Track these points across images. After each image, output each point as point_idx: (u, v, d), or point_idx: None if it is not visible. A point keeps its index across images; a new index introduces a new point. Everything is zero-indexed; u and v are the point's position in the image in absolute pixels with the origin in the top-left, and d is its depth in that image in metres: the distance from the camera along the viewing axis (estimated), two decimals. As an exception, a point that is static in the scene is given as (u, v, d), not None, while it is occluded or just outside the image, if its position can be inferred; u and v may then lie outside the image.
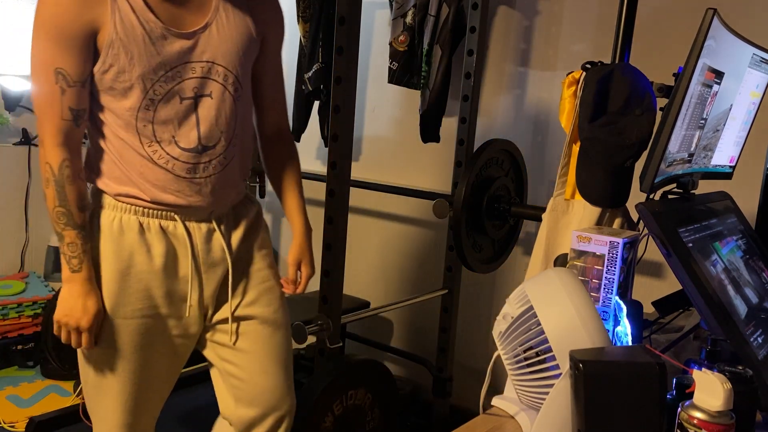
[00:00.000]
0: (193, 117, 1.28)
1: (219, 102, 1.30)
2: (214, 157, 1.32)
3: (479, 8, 2.34)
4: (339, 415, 2.03)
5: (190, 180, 1.30)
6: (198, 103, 1.28)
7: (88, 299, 1.28)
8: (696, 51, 1.13)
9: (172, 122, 1.27)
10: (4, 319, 2.92)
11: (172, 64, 1.24)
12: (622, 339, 1.18)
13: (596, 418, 0.89)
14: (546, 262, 1.61)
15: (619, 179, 1.56)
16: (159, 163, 1.28)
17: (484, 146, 2.25)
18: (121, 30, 1.19)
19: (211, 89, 1.29)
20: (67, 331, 1.31)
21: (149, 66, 1.22)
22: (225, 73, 1.30)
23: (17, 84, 3.22)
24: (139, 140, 1.26)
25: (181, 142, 1.28)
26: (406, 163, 3.00)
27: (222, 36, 1.29)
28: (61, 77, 1.20)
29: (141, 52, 1.21)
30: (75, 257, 1.27)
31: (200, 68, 1.27)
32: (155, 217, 1.31)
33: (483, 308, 2.80)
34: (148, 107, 1.24)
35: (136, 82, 1.22)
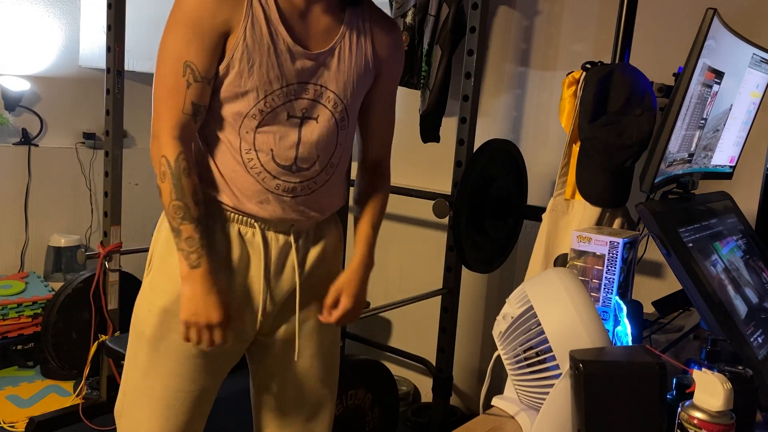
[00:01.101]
0: (295, 136, 1.27)
1: (323, 127, 1.29)
2: (305, 179, 1.30)
3: (479, 8, 2.34)
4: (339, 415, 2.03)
5: (276, 195, 1.29)
6: (303, 123, 1.28)
7: (212, 294, 1.24)
8: (696, 51, 1.13)
9: (274, 136, 1.26)
10: (4, 319, 2.92)
11: (289, 81, 1.24)
12: (622, 339, 1.18)
13: (596, 418, 0.89)
14: (546, 262, 1.61)
15: (619, 179, 1.57)
16: (251, 172, 1.27)
17: (484, 146, 2.25)
18: (250, 36, 1.20)
19: (319, 113, 1.28)
20: (197, 330, 1.25)
21: (267, 77, 1.22)
22: (336, 101, 1.29)
23: (17, 84, 3.22)
24: (239, 145, 1.26)
25: (278, 157, 1.27)
26: (406, 163, 2.99)
27: (342, 64, 1.28)
28: (190, 71, 1.20)
29: (263, 61, 1.21)
30: (194, 252, 1.22)
31: (314, 91, 1.27)
32: (235, 222, 1.30)
33: (483, 308, 2.80)
34: (255, 116, 1.24)
35: (250, 89, 1.22)
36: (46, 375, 2.97)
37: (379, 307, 2.51)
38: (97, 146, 3.44)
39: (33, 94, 3.32)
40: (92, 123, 3.46)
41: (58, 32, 3.36)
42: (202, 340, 1.26)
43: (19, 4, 3.23)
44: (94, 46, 3.30)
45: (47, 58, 3.35)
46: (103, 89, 2.50)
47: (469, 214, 2.18)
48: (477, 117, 2.43)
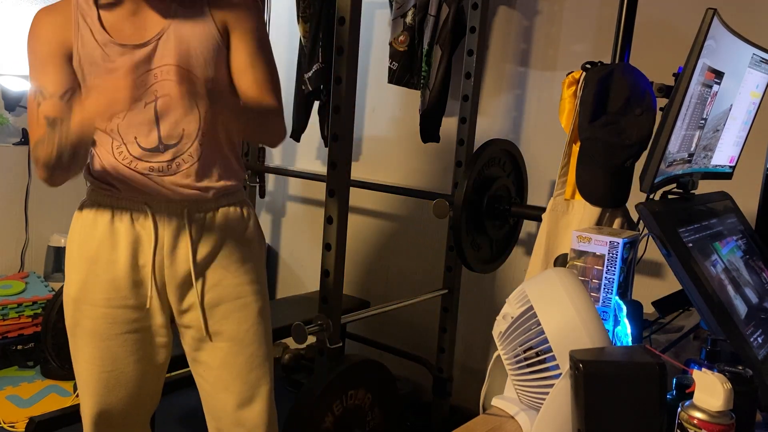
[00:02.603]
0: (152, 116, 1.34)
1: (176, 102, 1.35)
2: (178, 154, 1.36)
3: (479, 8, 2.34)
4: (339, 415, 2.03)
5: (151, 177, 1.36)
6: (157, 103, 1.34)
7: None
8: (696, 51, 1.13)
9: (134, 124, 1.35)
10: (4, 319, 2.92)
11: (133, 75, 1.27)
12: (622, 339, 1.18)
13: (596, 418, 0.89)
14: (546, 262, 1.61)
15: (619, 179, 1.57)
16: (123, 162, 1.36)
17: (484, 146, 2.25)
18: (83, 52, 1.32)
19: (169, 90, 1.34)
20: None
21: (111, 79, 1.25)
22: (184, 74, 1.32)
23: (17, 84, 3.22)
24: (111, 143, 1.37)
25: (142, 142, 1.35)
26: (406, 163, 3.00)
27: (179, 38, 1.34)
28: (39, 93, 1.33)
29: (100, 70, 1.32)
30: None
31: (160, 72, 1.34)
32: (127, 208, 1.38)
33: (483, 308, 2.80)
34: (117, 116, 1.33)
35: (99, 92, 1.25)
36: (46, 375, 2.97)
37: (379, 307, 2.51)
38: (97, 146, 3.44)
39: (33, 94, 3.32)
40: (92, 123, 3.46)
41: (58, 32, 3.36)
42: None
43: (19, 4, 3.23)
44: (94, 46, 3.30)
45: (47, 58, 3.35)
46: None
47: (469, 214, 2.18)
48: (477, 117, 2.43)
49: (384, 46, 2.78)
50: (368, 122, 3.11)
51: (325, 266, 2.00)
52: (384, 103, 3.05)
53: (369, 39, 3.04)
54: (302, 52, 2.91)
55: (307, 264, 3.42)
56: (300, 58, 2.94)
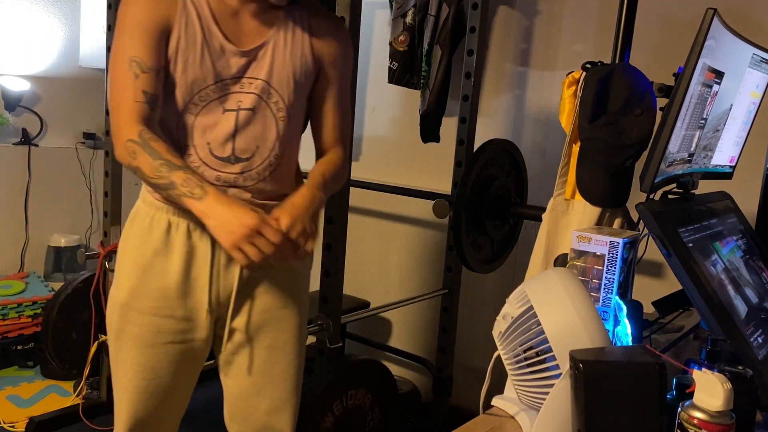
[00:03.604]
0: (231, 128, 1.31)
1: (259, 119, 1.33)
2: (246, 169, 1.34)
3: (479, 8, 2.34)
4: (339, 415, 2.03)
5: (219, 188, 1.31)
6: (239, 116, 1.31)
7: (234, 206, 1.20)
8: (696, 51, 1.13)
9: (210, 129, 1.30)
10: (4, 319, 2.92)
11: (223, 77, 1.29)
12: (622, 339, 1.18)
13: (596, 418, 0.89)
14: (546, 262, 1.61)
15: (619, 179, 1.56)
16: (192, 166, 1.30)
17: (484, 146, 2.25)
18: (184, 34, 1.26)
19: (255, 105, 1.32)
20: (247, 244, 1.19)
21: (201, 74, 1.27)
22: (271, 93, 1.33)
23: (17, 84, 3.22)
24: (178, 141, 1.31)
25: (215, 150, 1.31)
26: (406, 163, 2.99)
27: (277, 57, 1.33)
28: (135, 64, 1.25)
29: (196, 59, 1.27)
30: (196, 187, 1.21)
31: (249, 85, 1.31)
32: (184, 217, 1.33)
33: (483, 308, 2.80)
34: (191, 111, 1.29)
35: (185, 86, 1.27)
36: (46, 375, 2.97)
37: (379, 307, 2.51)
38: (97, 146, 3.44)
39: (33, 94, 3.32)
40: (92, 123, 3.46)
41: (58, 32, 3.37)
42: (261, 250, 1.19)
43: (19, 4, 3.23)
44: (94, 46, 3.30)
45: (47, 58, 3.35)
46: (103, 89, 2.50)
47: (469, 214, 2.18)
48: (477, 117, 2.43)
49: (384, 46, 2.78)
50: (368, 122, 3.11)
51: (325, 266, 2.00)
52: (384, 103, 3.05)
53: (369, 39, 3.04)
54: (302, 52, 2.91)
55: (307, 264, 3.42)
56: (300, 58, 2.93)
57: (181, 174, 1.22)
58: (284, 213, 1.26)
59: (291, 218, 1.25)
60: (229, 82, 1.30)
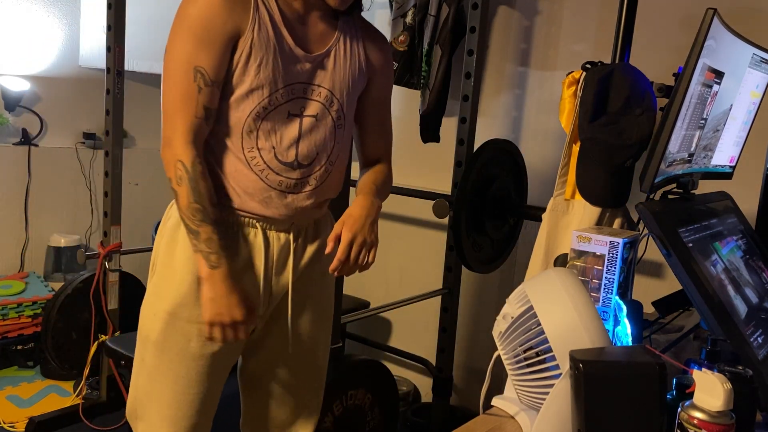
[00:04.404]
0: (296, 133, 1.31)
1: (322, 125, 1.33)
2: (306, 175, 1.34)
3: (479, 8, 2.34)
4: (339, 415, 2.03)
5: (279, 192, 1.31)
6: (303, 121, 1.31)
7: (234, 294, 1.25)
8: (696, 51, 1.13)
9: (276, 133, 1.29)
10: (4, 319, 2.92)
11: (290, 81, 1.28)
12: (622, 339, 1.18)
13: (596, 418, 0.89)
14: (546, 262, 1.61)
15: (619, 179, 1.57)
16: (255, 170, 1.29)
17: (484, 146, 2.24)
18: (257, 37, 1.24)
19: (318, 112, 1.32)
20: (221, 329, 1.27)
21: (271, 77, 1.26)
22: (333, 101, 1.34)
23: (17, 84, 3.22)
24: (241, 144, 1.28)
25: (280, 155, 1.30)
26: (406, 163, 2.99)
27: (338, 65, 1.34)
28: (200, 75, 1.22)
29: (269, 61, 1.25)
30: (213, 253, 1.23)
31: (312, 91, 1.31)
32: (237, 223, 1.32)
33: (483, 308, 2.80)
34: (259, 114, 1.27)
35: (256, 88, 1.26)
36: (46, 375, 2.97)
37: (379, 307, 2.51)
38: (97, 146, 3.44)
39: (33, 94, 3.32)
40: (92, 123, 3.46)
41: (58, 32, 3.37)
42: (226, 337, 1.27)
43: (19, 4, 3.23)
44: (94, 46, 3.30)
45: (47, 58, 3.35)
46: (103, 89, 2.50)
47: (469, 214, 2.18)
48: (477, 117, 2.43)
49: (384, 46, 2.78)
50: (368, 122, 3.11)
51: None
52: (384, 103, 3.04)
53: (369, 39, 3.03)
54: (302, 52, 2.91)
55: (307, 264, 3.42)
56: (300, 58, 2.93)
57: (208, 230, 1.23)
58: (346, 228, 1.29)
59: (351, 233, 1.28)
60: (297, 87, 1.29)
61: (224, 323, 1.26)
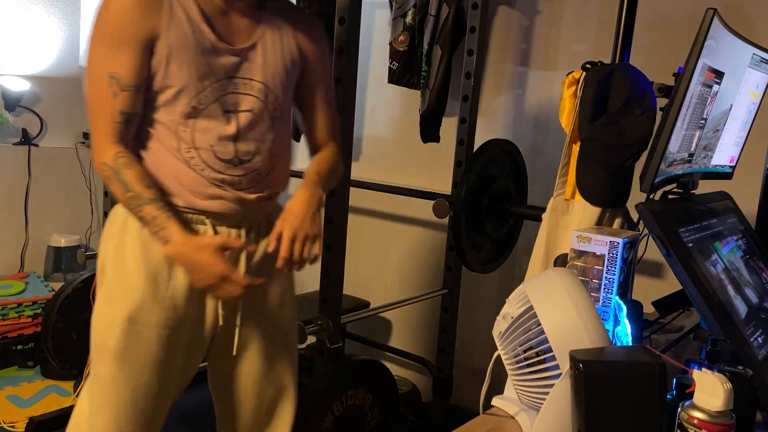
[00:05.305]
0: (233, 129, 1.30)
1: (258, 118, 1.32)
2: (249, 170, 1.33)
3: (479, 8, 2.34)
4: (339, 415, 2.03)
5: (223, 189, 1.31)
6: (238, 116, 1.31)
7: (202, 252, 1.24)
8: (696, 51, 1.13)
9: (212, 132, 1.29)
10: (4, 319, 2.92)
11: (219, 77, 1.28)
12: (622, 339, 1.18)
13: (596, 418, 0.89)
14: (546, 262, 1.61)
15: (619, 179, 1.57)
16: (195, 169, 1.29)
17: (484, 146, 2.24)
18: (175, 38, 1.23)
19: (252, 105, 1.31)
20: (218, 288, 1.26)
21: (197, 76, 1.25)
22: (266, 92, 1.33)
23: (17, 84, 3.22)
24: (178, 145, 1.28)
25: (219, 153, 1.30)
26: (406, 163, 2.99)
27: (268, 56, 1.32)
28: (115, 81, 1.22)
29: (190, 60, 1.24)
30: (161, 229, 1.24)
31: (243, 84, 1.30)
32: (187, 221, 1.31)
33: (483, 308, 2.80)
34: (189, 115, 1.27)
35: (182, 89, 1.25)
36: (46, 375, 2.97)
37: (379, 307, 2.51)
38: (97, 146, 3.44)
39: (33, 94, 3.32)
40: (92, 123, 3.46)
41: (58, 32, 3.37)
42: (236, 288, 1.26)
43: (19, 4, 3.23)
44: (94, 46, 3.30)
45: (47, 58, 3.35)
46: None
47: (469, 214, 2.18)
48: (477, 117, 2.43)
49: (384, 46, 2.78)
50: (368, 122, 3.11)
51: (325, 266, 2.00)
52: (384, 103, 3.05)
53: (369, 39, 3.04)
54: (302, 52, 2.91)
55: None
56: (300, 58, 2.93)
57: (150, 209, 1.23)
58: (286, 225, 1.30)
59: (292, 230, 1.29)
60: (226, 82, 1.28)
61: (214, 285, 1.25)
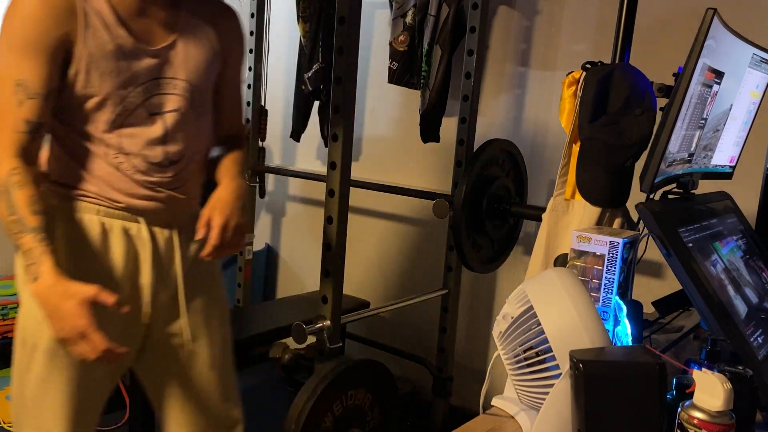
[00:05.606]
0: (160, 132, 1.29)
1: (184, 118, 1.32)
2: (178, 171, 1.33)
3: (479, 8, 2.34)
4: (339, 415, 2.03)
5: (155, 191, 1.31)
6: (165, 118, 1.30)
7: (69, 299, 1.12)
8: (696, 51, 1.13)
9: (139, 136, 1.27)
10: (4, 319, 2.91)
11: (141, 80, 1.25)
12: (622, 339, 1.18)
13: (596, 418, 0.89)
14: (546, 262, 1.61)
15: (619, 179, 1.57)
16: (127, 174, 1.28)
17: (484, 146, 2.25)
18: (93, 45, 1.19)
19: (178, 105, 1.30)
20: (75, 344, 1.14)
21: (119, 81, 1.22)
22: (190, 90, 1.32)
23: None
24: (107, 151, 1.26)
25: (148, 156, 1.28)
26: (406, 163, 3.00)
27: (188, 53, 1.31)
28: (21, 89, 1.17)
29: (111, 68, 1.21)
30: (33, 263, 1.14)
31: (167, 84, 1.29)
32: (118, 218, 1.29)
33: (483, 308, 2.80)
34: (114, 122, 1.25)
35: (106, 96, 1.22)
36: (46, 375, 2.96)
37: (379, 307, 2.51)
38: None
39: None
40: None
41: (58, 32, 3.36)
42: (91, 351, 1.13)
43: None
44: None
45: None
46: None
47: (469, 214, 2.18)
48: (477, 117, 2.43)
49: (384, 46, 2.78)
50: (368, 122, 3.11)
51: (325, 266, 2.00)
52: (384, 103, 3.05)
53: (369, 39, 3.04)
54: (302, 52, 2.91)
55: (307, 264, 3.42)
56: (300, 58, 2.93)
57: (28, 239, 1.14)
58: (217, 212, 1.30)
59: (224, 217, 1.29)
60: (149, 84, 1.26)
61: (72, 339, 1.12)
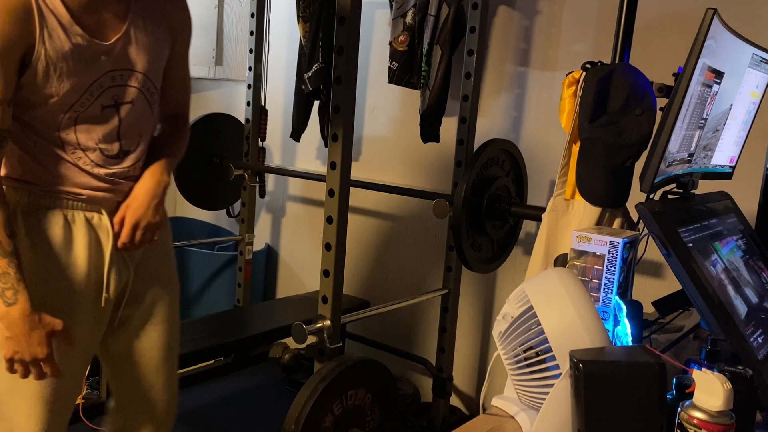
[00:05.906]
0: (115, 124, 1.31)
1: (139, 108, 1.34)
2: (135, 161, 1.36)
3: (479, 8, 2.34)
4: (339, 415, 2.03)
5: (113, 181, 1.33)
6: (119, 110, 1.31)
7: (35, 330, 1.19)
8: (696, 51, 1.13)
9: (95, 130, 1.29)
10: (4, 319, 2.91)
11: (97, 75, 1.26)
12: (622, 339, 1.18)
13: (596, 418, 0.89)
14: (546, 262, 1.61)
15: (619, 179, 1.56)
16: (85, 168, 1.29)
17: (484, 146, 2.25)
18: (50, 46, 1.19)
19: (132, 96, 1.32)
20: (22, 366, 1.22)
21: (77, 80, 1.23)
22: (143, 80, 1.33)
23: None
24: (63, 148, 1.28)
25: (104, 150, 1.31)
26: (406, 163, 3.00)
27: (140, 43, 1.31)
28: None
29: (70, 68, 1.21)
30: (9, 288, 1.17)
31: (120, 77, 1.29)
32: (80, 209, 1.32)
33: (483, 308, 2.80)
34: (71, 119, 1.26)
35: (65, 97, 1.23)
36: (46, 375, 2.96)
37: (379, 307, 2.51)
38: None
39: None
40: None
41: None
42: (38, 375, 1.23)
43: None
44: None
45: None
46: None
47: (469, 214, 2.18)
48: (477, 117, 2.43)
49: (384, 46, 2.78)
50: (368, 122, 3.11)
51: (325, 266, 2.00)
52: (384, 103, 3.05)
53: (369, 39, 3.04)
54: (302, 52, 2.91)
55: (307, 264, 3.42)
56: (300, 58, 2.93)
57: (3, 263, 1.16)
58: (130, 212, 1.34)
59: (135, 217, 1.33)
60: (104, 78, 1.27)
61: (24, 361, 1.20)
